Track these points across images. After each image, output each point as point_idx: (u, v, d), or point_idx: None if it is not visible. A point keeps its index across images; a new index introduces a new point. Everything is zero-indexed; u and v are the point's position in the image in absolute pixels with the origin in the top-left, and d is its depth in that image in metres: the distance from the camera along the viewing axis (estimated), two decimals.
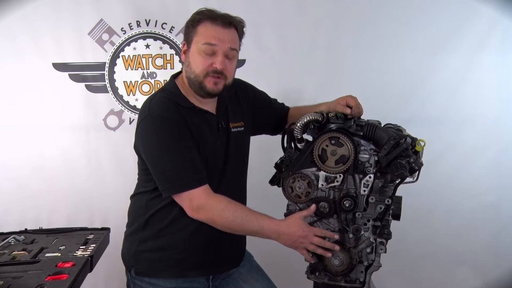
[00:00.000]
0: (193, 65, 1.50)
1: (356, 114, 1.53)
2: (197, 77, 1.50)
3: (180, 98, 1.53)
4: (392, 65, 2.44)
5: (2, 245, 1.76)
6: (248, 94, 1.72)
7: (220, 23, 1.48)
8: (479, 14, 2.37)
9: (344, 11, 2.42)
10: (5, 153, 2.51)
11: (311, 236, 1.47)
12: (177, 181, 1.46)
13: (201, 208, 1.46)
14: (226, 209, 1.47)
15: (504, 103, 2.46)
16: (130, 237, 1.65)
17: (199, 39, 1.48)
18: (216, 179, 1.56)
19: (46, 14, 2.40)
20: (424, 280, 2.57)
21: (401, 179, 1.39)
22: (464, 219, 2.52)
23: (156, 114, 1.48)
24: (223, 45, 1.48)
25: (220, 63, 1.48)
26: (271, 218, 1.50)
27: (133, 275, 1.62)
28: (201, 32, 1.49)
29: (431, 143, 1.51)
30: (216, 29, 1.47)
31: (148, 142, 1.50)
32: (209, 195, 1.47)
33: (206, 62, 1.48)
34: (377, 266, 1.48)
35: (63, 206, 2.54)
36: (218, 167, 1.57)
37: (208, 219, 1.48)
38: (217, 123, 1.58)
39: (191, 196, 1.46)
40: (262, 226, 1.47)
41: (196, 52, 1.49)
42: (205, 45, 1.47)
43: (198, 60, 1.49)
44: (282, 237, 1.48)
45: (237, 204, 1.49)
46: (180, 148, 1.46)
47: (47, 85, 2.47)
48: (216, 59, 1.48)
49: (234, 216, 1.47)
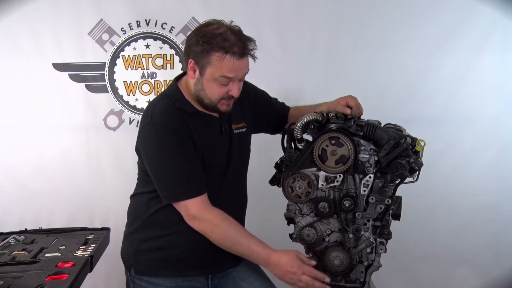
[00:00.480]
0: (208, 92, 1.49)
1: (356, 114, 1.53)
2: (211, 102, 1.51)
3: (183, 104, 1.53)
4: (392, 65, 2.44)
5: (2, 245, 1.76)
6: (249, 94, 1.72)
7: (237, 56, 1.43)
8: (479, 14, 2.36)
9: (344, 11, 2.42)
10: (5, 153, 2.52)
11: (300, 274, 1.44)
12: (173, 190, 1.48)
13: (196, 219, 1.48)
14: (219, 226, 1.47)
15: (504, 103, 2.45)
16: (129, 237, 1.66)
17: (214, 71, 1.44)
18: (218, 181, 1.57)
19: (46, 14, 2.40)
20: (424, 280, 2.57)
21: (401, 179, 1.39)
22: (464, 219, 2.51)
23: (158, 121, 1.48)
24: (239, 74, 1.48)
25: (237, 92, 1.50)
26: (264, 245, 1.48)
27: (132, 274, 1.62)
28: (216, 65, 1.43)
29: (431, 143, 1.51)
30: (233, 62, 1.43)
31: (148, 149, 1.51)
32: (205, 207, 1.48)
33: (223, 91, 1.48)
34: (377, 266, 1.48)
35: (63, 206, 2.54)
36: (221, 168, 1.58)
37: (201, 230, 1.49)
38: (220, 126, 1.58)
39: (187, 205, 1.47)
40: (252, 251, 1.47)
41: (212, 81, 1.47)
42: (222, 78, 1.45)
43: (214, 88, 1.47)
44: (271, 267, 1.47)
45: (232, 223, 1.49)
46: (178, 158, 1.47)
47: (47, 85, 2.47)
48: (232, 87, 1.48)
49: (225, 235, 1.47)
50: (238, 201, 1.70)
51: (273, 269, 1.47)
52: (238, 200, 1.69)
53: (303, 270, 1.45)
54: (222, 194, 1.59)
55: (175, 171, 1.47)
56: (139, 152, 1.57)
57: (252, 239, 1.48)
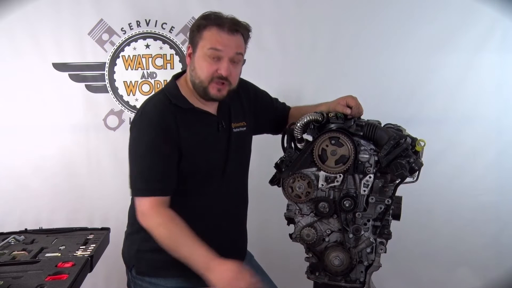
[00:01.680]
0: (198, 70, 1.50)
1: (356, 114, 1.53)
2: (202, 83, 1.50)
3: (179, 100, 1.53)
4: (392, 65, 2.44)
5: (2, 245, 1.76)
6: (250, 94, 1.72)
7: (227, 29, 1.46)
8: (479, 14, 2.37)
9: (344, 11, 2.42)
10: (5, 153, 2.52)
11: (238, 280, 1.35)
12: (135, 184, 1.50)
13: (143, 215, 1.48)
14: (162, 225, 1.45)
15: (504, 103, 2.46)
16: (131, 237, 1.65)
17: (204, 44, 1.47)
18: (216, 180, 1.56)
19: (46, 14, 2.40)
20: (424, 280, 2.57)
21: (401, 179, 1.39)
22: (464, 219, 2.52)
23: (146, 116, 1.51)
24: (228, 51, 1.48)
25: (225, 69, 1.48)
26: (208, 252, 1.40)
27: (134, 274, 1.62)
28: (207, 37, 1.47)
29: (431, 143, 1.51)
30: (222, 35, 1.46)
31: (131, 140, 1.53)
32: (154, 206, 1.47)
33: (211, 68, 1.48)
34: (377, 266, 1.48)
35: (63, 206, 2.54)
36: (219, 167, 1.57)
37: (147, 227, 1.48)
38: (217, 123, 1.58)
39: (140, 202, 1.49)
40: (193, 254, 1.41)
41: (202, 57, 1.48)
42: (210, 50, 1.47)
43: (203, 65, 1.48)
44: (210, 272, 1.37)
45: (178, 225, 1.44)
46: (150, 155, 1.47)
47: (47, 85, 2.47)
48: (221, 65, 1.48)
49: (167, 235, 1.44)
50: (239, 202, 1.69)
51: (212, 275, 1.37)
52: (238, 201, 1.69)
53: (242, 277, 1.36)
54: (223, 195, 1.59)
55: (142, 167, 1.49)
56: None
57: (196, 244, 1.41)
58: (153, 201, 1.47)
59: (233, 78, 1.52)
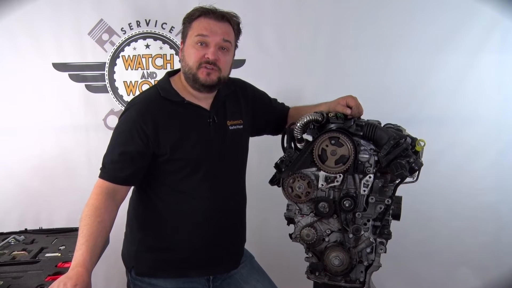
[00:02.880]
0: (187, 58, 1.53)
1: (356, 115, 1.53)
2: (190, 69, 1.52)
3: (169, 93, 1.55)
4: (392, 65, 2.44)
5: (2, 245, 1.76)
6: (247, 94, 1.72)
7: (213, 16, 1.51)
8: (479, 14, 2.37)
9: (344, 11, 2.42)
10: (5, 153, 2.51)
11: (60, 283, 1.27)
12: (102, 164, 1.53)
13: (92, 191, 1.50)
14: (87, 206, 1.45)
15: (504, 103, 2.46)
16: (130, 237, 1.66)
17: (192, 33, 1.52)
18: (213, 178, 1.56)
19: (46, 14, 2.40)
20: (424, 280, 2.57)
21: (401, 179, 1.39)
22: (464, 219, 2.52)
23: (131, 107, 1.55)
24: (215, 36, 1.50)
25: (212, 53, 1.50)
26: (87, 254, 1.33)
27: (133, 275, 1.62)
28: (195, 26, 1.52)
29: (431, 143, 1.51)
30: (209, 22, 1.51)
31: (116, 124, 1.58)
32: (98, 187, 1.49)
33: (199, 54, 1.50)
34: (377, 266, 1.48)
35: (63, 206, 2.53)
36: (210, 162, 1.56)
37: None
38: (208, 117, 1.57)
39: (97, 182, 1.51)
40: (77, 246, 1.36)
41: (190, 45, 1.52)
42: (197, 37, 1.50)
43: (191, 52, 1.51)
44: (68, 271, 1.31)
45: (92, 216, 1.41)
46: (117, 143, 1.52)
47: (47, 85, 2.47)
48: (208, 50, 1.50)
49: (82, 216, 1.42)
50: (236, 201, 1.69)
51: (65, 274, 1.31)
52: (236, 200, 1.68)
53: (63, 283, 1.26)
54: (219, 193, 1.58)
55: (109, 150, 1.53)
56: None
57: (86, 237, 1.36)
58: (102, 184, 1.49)
59: (222, 64, 1.53)
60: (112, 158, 1.50)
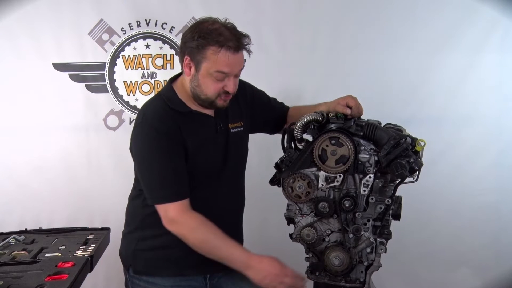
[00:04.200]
0: (205, 89, 1.49)
1: (356, 115, 1.53)
2: (208, 98, 1.51)
3: (176, 104, 1.53)
4: (392, 65, 2.44)
5: (2, 245, 1.76)
6: (246, 93, 1.72)
7: (232, 50, 1.43)
8: (479, 14, 2.37)
9: (344, 11, 2.42)
10: (5, 153, 2.52)
11: (283, 276, 1.43)
12: (156, 192, 1.49)
13: (174, 222, 1.47)
14: (197, 229, 1.46)
15: (504, 103, 2.46)
16: (128, 236, 1.66)
17: (209, 66, 1.45)
18: (215, 180, 1.56)
19: (46, 14, 2.40)
20: (424, 280, 2.57)
21: (401, 179, 1.39)
22: (464, 219, 2.52)
23: (149, 123, 1.49)
24: (234, 69, 1.48)
25: (233, 88, 1.49)
26: (244, 250, 1.47)
27: (131, 273, 1.62)
28: (212, 59, 1.44)
29: (431, 143, 1.51)
30: (228, 56, 1.43)
31: (137, 150, 1.52)
32: (183, 210, 1.47)
33: (218, 86, 1.48)
34: (377, 266, 1.48)
35: (63, 206, 2.54)
36: (217, 168, 1.58)
37: (179, 234, 1.48)
38: (215, 125, 1.58)
39: (167, 208, 1.47)
40: (232, 254, 1.45)
41: (207, 76, 1.47)
42: (217, 73, 1.46)
43: (210, 83, 1.48)
44: (252, 270, 1.44)
45: (211, 227, 1.47)
46: (164, 161, 1.47)
47: (47, 85, 2.47)
48: (228, 83, 1.48)
49: (204, 238, 1.46)
50: (235, 201, 1.70)
51: (253, 272, 1.43)
52: (235, 200, 1.69)
53: (285, 272, 1.43)
54: (219, 193, 1.59)
55: (158, 174, 1.48)
56: (131, 151, 1.58)
57: (231, 243, 1.46)
58: (180, 206, 1.47)
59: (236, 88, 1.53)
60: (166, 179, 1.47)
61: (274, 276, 1.42)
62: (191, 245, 1.47)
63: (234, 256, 1.45)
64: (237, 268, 1.45)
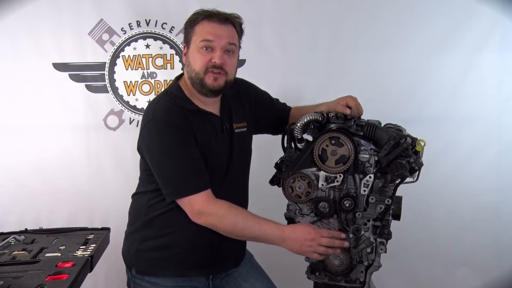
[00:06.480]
0: (193, 63, 1.51)
1: (356, 115, 1.53)
2: (197, 75, 1.51)
3: (184, 101, 1.53)
4: (392, 65, 2.44)
5: (2, 245, 1.76)
6: (250, 94, 1.72)
7: (217, 20, 1.50)
8: (479, 14, 2.37)
9: (344, 11, 2.42)
10: (5, 153, 2.51)
11: (319, 238, 1.44)
12: (179, 186, 1.47)
13: (202, 214, 1.46)
14: (227, 215, 1.46)
15: (504, 103, 2.46)
16: (131, 236, 1.66)
17: (197, 38, 1.50)
18: (218, 180, 1.56)
19: (46, 14, 2.40)
20: (424, 280, 2.57)
21: (401, 179, 1.39)
22: (464, 219, 2.52)
23: (160, 118, 1.48)
24: (220, 40, 1.49)
25: (219, 57, 1.49)
26: (275, 223, 1.47)
27: (133, 274, 1.62)
28: (199, 31, 1.50)
29: (431, 143, 1.51)
30: (213, 26, 1.49)
31: (152, 147, 1.50)
32: (210, 200, 1.46)
33: (205, 59, 1.49)
34: (377, 266, 1.48)
35: (63, 206, 2.53)
36: (222, 168, 1.57)
37: (209, 224, 1.47)
38: (221, 124, 1.58)
39: (192, 201, 1.46)
40: (265, 231, 1.45)
41: (195, 51, 1.50)
42: (202, 42, 1.49)
43: (197, 57, 1.50)
44: (288, 242, 1.45)
45: (239, 209, 1.48)
46: (183, 154, 1.46)
47: (47, 85, 2.47)
48: (214, 55, 1.49)
49: (235, 222, 1.46)
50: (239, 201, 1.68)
51: (289, 243, 1.45)
52: (238, 200, 1.67)
53: (321, 233, 1.45)
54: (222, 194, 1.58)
55: (179, 167, 1.46)
56: (141, 151, 1.56)
57: (262, 220, 1.47)
58: (204, 196, 1.46)
59: (228, 67, 1.52)
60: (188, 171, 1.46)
61: (311, 241, 1.43)
62: (222, 232, 1.48)
63: (267, 233, 1.45)
64: (273, 243, 1.46)
